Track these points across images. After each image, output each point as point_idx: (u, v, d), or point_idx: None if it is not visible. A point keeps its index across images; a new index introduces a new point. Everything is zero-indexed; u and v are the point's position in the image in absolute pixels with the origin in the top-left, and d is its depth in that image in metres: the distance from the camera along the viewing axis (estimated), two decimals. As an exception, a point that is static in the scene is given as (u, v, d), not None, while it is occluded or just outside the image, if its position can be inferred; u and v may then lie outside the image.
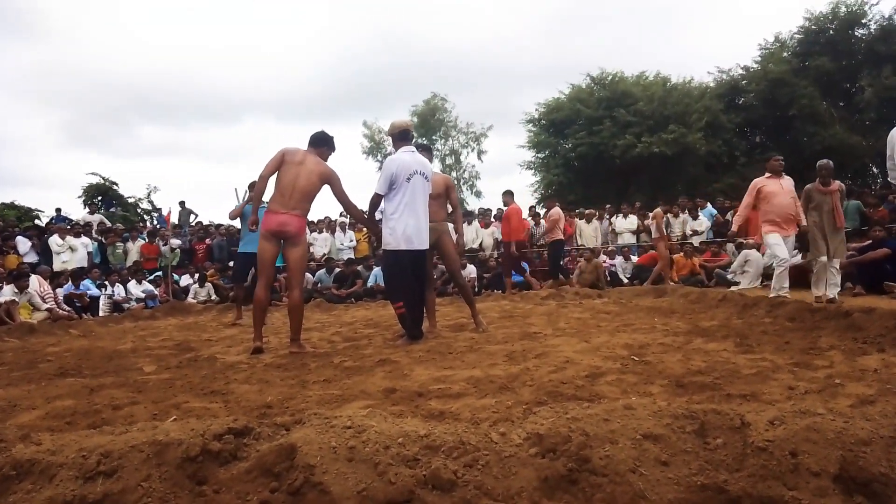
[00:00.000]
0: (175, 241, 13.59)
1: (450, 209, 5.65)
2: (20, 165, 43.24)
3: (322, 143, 4.97)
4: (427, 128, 28.69)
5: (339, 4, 57.08)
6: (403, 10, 50.14)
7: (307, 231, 4.75)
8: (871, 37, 20.02)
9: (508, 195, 11.12)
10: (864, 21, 20.26)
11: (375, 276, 11.46)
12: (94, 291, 10.76)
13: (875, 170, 21.56)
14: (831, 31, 20.47)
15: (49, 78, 45.70)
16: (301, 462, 1.59)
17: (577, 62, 51.25)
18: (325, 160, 4.94)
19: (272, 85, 54.97)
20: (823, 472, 1.43)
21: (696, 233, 12.68)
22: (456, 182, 29.38)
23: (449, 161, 29.57)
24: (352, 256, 12.99)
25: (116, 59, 51.58)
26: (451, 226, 5.65)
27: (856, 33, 20.53)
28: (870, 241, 7.98)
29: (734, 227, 7.66)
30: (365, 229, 13.80)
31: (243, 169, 55.54)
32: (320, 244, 13.51)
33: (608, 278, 11.54)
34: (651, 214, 11.82)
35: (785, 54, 21.03)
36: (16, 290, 8.95)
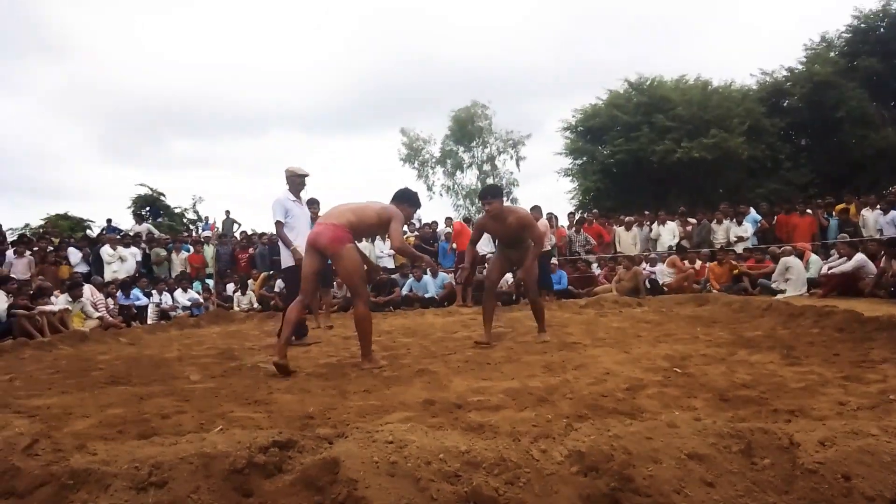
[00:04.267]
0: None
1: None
2: (60, 178, 44.95)
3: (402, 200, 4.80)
4: (464, 133, 28.71)
5: (364, 20, 57.64)
6: (429, 23, 50.42)
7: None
8: (923, 35, 19.28)
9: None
10: (915, 18, 19.53)
11: (410, 284, 11.70)
12: (142, 300, 11.11)
13: (929, 173, 20.70)
14: (881, 30, 19.75)
15: (79, 95, 47.52)
16: (344, 476, 1.62)
17: (614, 68, 50.66)
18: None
19: (297, 98, 56.03)
20: (879, 497, 1.38)
21: (740, 239, 12.40)
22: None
23: (486, 168, 29.54)
24: (390, 265, 13.09)
25: (143, 77, 53.03)
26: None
27: (907, 31, 19.80)
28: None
29: None
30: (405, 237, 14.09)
31: (274, 180, 56.65)
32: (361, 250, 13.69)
33: (648, 286, 11.35)
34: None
35: (832, 54, 20.37)
36: (69, 299, 9.31)
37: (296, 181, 6.45)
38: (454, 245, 12.53)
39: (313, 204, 7.61)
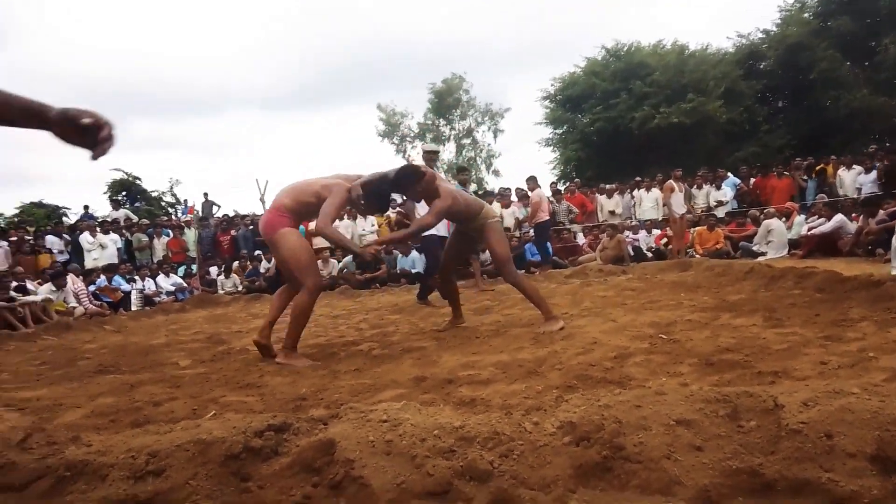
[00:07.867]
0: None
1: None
2: (25, 165, 44.13)
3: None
4: (444, 106, 28.50)
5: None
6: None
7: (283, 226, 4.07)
8: (894, -7, 19.36)
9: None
10: (887, -24, 19.59)
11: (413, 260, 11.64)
12: (125, 287, 11.01)
13: (904, 130, 20.97)
14: (853, -12, 19.84)
15: (33, 78, 46.27)
16: (340, 457, 1.64)
17: (593, 35, 50.24)
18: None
19: (255, 77, 55.12)
20: (860, 452, 1.43)
21: (720, 203, 12.53)
22: (474, 161, 29.14)
23: (465, 141, 29.40)
24: (373, 242, 13.06)
25: (97, 59, 51.99)
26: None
27: (878, -10, 19.87)
28: (899, 206, 7.83)
29: None
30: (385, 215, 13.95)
31: (242, 160, 55.97)
32: (342, 230, 13.62)
33: (632, 253, 11.47)
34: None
35: (805, 15, 20.44)
36: (53, 289, 9.19)
37: (430, 157, 7.25)
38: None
39: None
